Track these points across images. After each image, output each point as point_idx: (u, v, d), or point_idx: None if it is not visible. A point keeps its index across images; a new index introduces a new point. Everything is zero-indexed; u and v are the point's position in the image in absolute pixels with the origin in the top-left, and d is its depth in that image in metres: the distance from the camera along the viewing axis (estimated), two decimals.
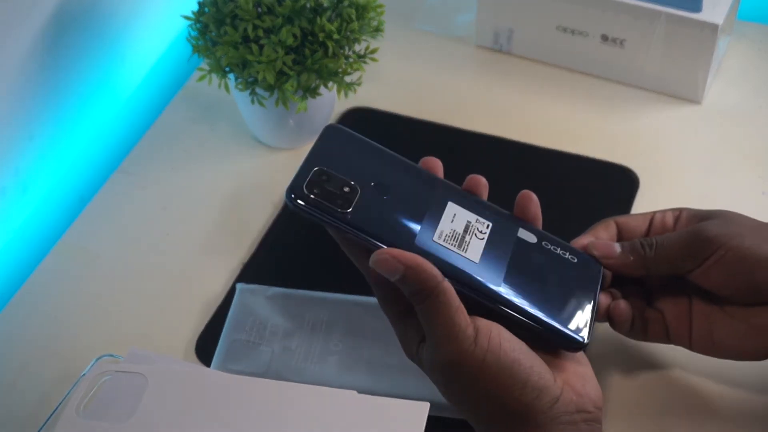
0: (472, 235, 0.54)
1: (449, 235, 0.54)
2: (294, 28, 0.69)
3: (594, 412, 0.51)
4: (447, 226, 0.54)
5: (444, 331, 0.50)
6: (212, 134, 0.83)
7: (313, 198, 0.52)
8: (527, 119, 0.83)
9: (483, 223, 0.55)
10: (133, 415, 0.57)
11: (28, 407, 0.63)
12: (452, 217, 0.55)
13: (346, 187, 0.53)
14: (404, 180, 0.56)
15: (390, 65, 0.82)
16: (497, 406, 0.50)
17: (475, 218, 0.55)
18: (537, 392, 0.50)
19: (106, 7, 0.81)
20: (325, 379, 0.62)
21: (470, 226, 0.55)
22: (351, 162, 0.55)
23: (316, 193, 0.53)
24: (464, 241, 0.54)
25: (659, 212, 0.61)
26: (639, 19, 0.80)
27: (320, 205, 0.52)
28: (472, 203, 0.56)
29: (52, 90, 0.77)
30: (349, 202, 0.53)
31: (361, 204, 0.53)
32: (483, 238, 0.55)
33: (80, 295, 0.71)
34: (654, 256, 0.57)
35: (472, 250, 0.54)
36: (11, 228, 0.76)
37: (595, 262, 0.58)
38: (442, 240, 0.53)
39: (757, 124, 0.81)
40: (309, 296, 0.67)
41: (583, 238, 0.60)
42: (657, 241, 0.58)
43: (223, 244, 0.74)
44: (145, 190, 0.78)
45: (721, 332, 0.57)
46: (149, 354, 0.61)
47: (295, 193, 0.52)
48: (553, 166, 0.78)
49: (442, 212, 0.55)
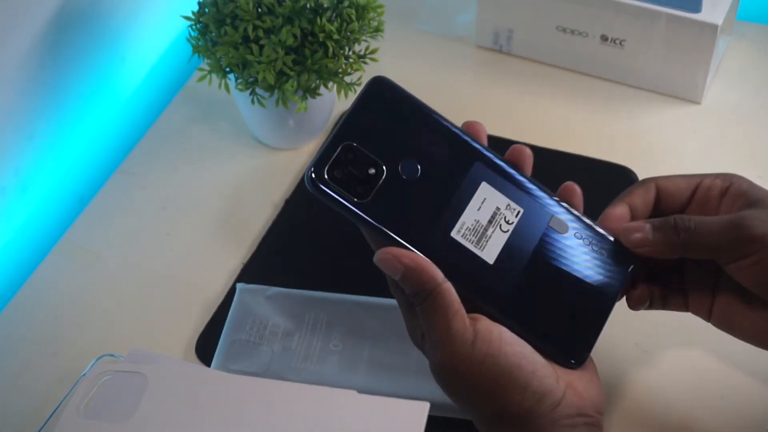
0: (496, 227, 0.52)
1: (470, 228, 0.52)
2: (294, 29, 0.69)
3: (594, 417, 0.50)
4: (472, 215, 0.52)
5: (441, 335, 0.50)
6: (212, 134, 0.83)
7: (332, 183, 0.50)
8: (527, 119, 0.83)
9: (513, 210, 0.53)
10: (133, 415, 0.57)
11: (28, 407, 0.63)
12: (481, 203, 0.52)
13: (372, 169, 0.51)
14: (440, 153, 0.53)
15: (390, 65, 0.82)
16: (497, 408, 0.50)
17: (506, 203, 0.53)
18: (538, 396, 0.49)
19: (106, 7, 0.81)
20: (325, 379, 0.62)
21: (497, 214, 0.52)
22: (386, 131, 0.52)
23: (337, 178, 0.50)
24: (485, 236, 0.52)
25: (707, 178, 0.55)
26: (639, 19, 0.80)
27: (338, 192, 0.50)
28: (508, 182, 0.53)
29: (52, 90, 0.77)
30: (369, 189, 0.51)
31: (382, 190, 0.51)
32: (507, 230, 0.52)
33: (80, 295, 0.71)
34: (688, 242, 0.52)
35: (489, 248, 0.52)
36: (11, 228, 0.76)
37: (625, 255, 0.54)
38: (461, 235, 0.52)
39: (757, 124, 0.81)
40: (309, 296, 0.67)
41: (617, 207, 0.56)
42: (694, 224, 0.52)
43: (223, 244, 0.74)
44: (145, 190, 0.78)
45: (743, 321, 0.54)
46: (149, 354, 0.61)
47: (315, 175, 0.50)
48: (553, 166, 0.78)
49: (472, 196, 0.52)
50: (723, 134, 0.80)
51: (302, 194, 0.76)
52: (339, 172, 0.51)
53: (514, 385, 0.49)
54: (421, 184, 0.52)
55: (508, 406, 0.49)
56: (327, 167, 0.51)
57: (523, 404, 0.49)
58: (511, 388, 0.49)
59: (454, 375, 0.50)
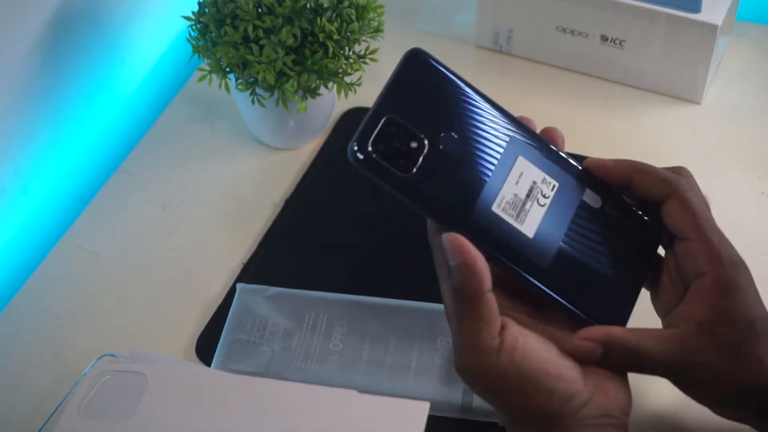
0: (534, 201, 0.53)
1: (510, 202, 0.52)
2: (294, 29, 0.69)
3: (620, 418, 0.51)
4: (511, 189, 0.52)
5: (469, 340, 0.50)
6: (212, 134, 0.83)
7: (376, 158, 0.50)
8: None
9: (549, 184, 0.53)
10: (134, 415, 0.57)
11: (28, 407, 0.63)
12: (518, 177, 0.53)
13: (414, 142, 0.51)
14: (478, 127, 0.53)
15: (390, 65, 0.81)
16: (522, 409, 0.50)
17: (542, 177, 0.53)
18: (565, 399, 0.49)
19: (106, 8, 0.81)
20: (325, 379, 0.62)
21: (534, 188, 0.53)
22: (426, 105, 0.52)
23: (380, 152, 0.50)
24: (524, 210, 0.52)
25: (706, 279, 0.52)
26: (638, 19, 0.80)
27: (381, 166, 0.50)
28: (543, 156, 0.54)
29: (52, 90, 0.77)
30: (412, 163, 0.51)
31: (424, 164, 0.51)
32: (545, 204, 0.53)
33: (80, 295, 0.71)
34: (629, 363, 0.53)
35: (529, 222, 0.52)
36: (11, 228, 0.76)
37: (655, 225, 0.55)
38: (501, 209, 0.52)
39: (757, 124, 0.81)
40: (309, 296, 0.67)
41: None
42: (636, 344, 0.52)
43: (223, 245, 0.74)
44: (145, 190, 0.78)
45: None
46: (150, 354, 0.61)
47: (359, 149, 0.50)
48: None
49: (510, 169, 0.53)
50: (723, 134, 0.80)
51: (302, 194, 0.76)
52: (382, 146, 0.50)
53: (540, 390, 0.49)
54: (461, 158, 0.52)
55: (534, 408, 0.50)
56: (370, 141, 0.50)
57: (549, 406, 0.49)
58: (537, 393, 0.49)
59: (477, 380, 0.50)
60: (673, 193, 0.54)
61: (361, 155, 0.50)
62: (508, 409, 0.51)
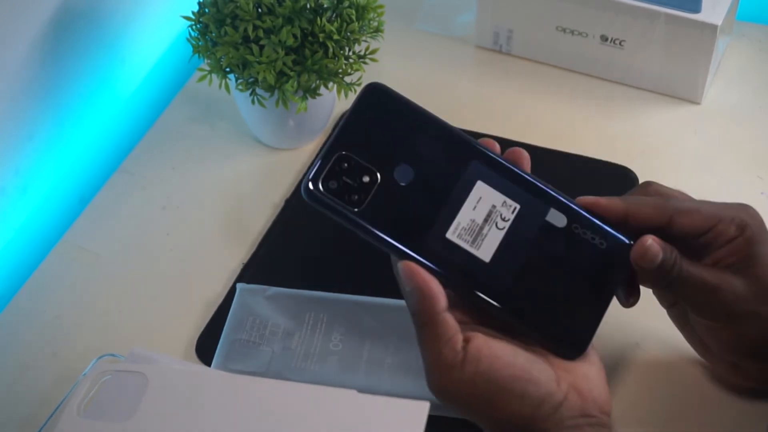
0: (492, 225, 0.53)
1: (466, 228, 0.53)
2: (294, 29, 0.69)
3: (599, 417, 0.51)
4: (467, 214, 0.53)
5: (432, 360, 0.51)
6: (212, 134, 0.83)
7: (328, 194, 0.52)
8: (527, 119, 0.83)
9: (509, 206, 0.53)
10: (134, 415, 0.57)
11: (28, 407, 0.63)
12: (476, 202, 0.53)
13: (366, 176, 0.52)
14: (436, 155, 0.53)
15: (390, 65, 0.82)
16: (497, 419, 0.51)
17: (501, 200, 0.53)
18: (537, 402, 0.50)
19: (106, 8, 0.81)
20: (325, 379, 0.62)
21: (493, 212, 0.53)
22: (381, 138, 0.53)
23: (332, 189, 0.52)
24: (480, 235, 0.53)
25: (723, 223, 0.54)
26: (638, 19, 0.80)
27: (334, 202, 0.52)
28: (504, 179, 0.54)
29: (52, 90, 0.77)
30: (364, 197, 0.52)
31: (377, 197, 0.52)
32: (503, 227, 0.53)
33: (80, 295, 0.71)
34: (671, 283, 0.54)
35: (486, 247, 0.53)
36: (11, 228, 0.76)
37: (624, 248, 0.54)
38: (456, 236, 0.52)
39: (757, 124, 0.81)
40: (309, 296, 0.67)
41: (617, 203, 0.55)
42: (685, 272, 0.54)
43: (223, 244, 0.74)
44: (145, 190, 0.78)
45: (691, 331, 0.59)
46: (150, 354, 0.61)
47: (312, 186, 0.52)
48: (553, 166, 0.78)
49: (468, 195, 0.53)
50: (723, 134, 0.80)
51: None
52: (334, 183, 0.52)
53: (510, 396, 0.50)
54: (417, 188, 0.53)
55: (508, 416, 0.50)
56: (322, 179, 0.52)
57: (523, 411, 0.50)
58: (509, 400, 0.50)
59: (448, 396, 0.51)
60: None
61: (310, 192, 0.52)
62: (483, 421, 0.52)
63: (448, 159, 0.54)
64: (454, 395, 0.51)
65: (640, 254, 0.53)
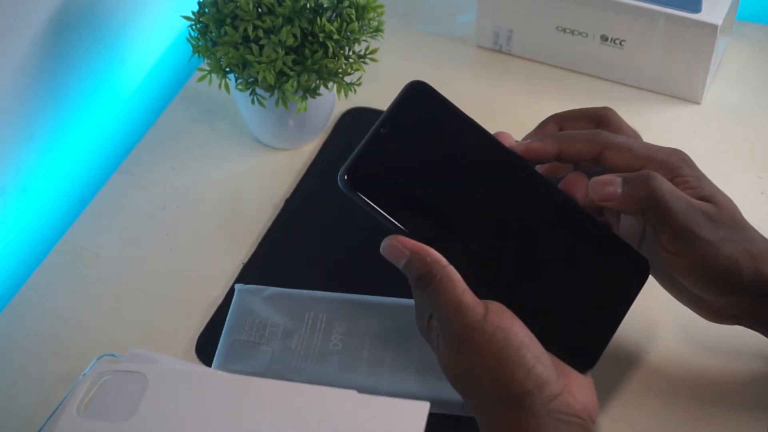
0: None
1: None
2: (294, 29, 0.69)
3: (587, 422, 0.51)
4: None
5: (452, 309, 0.51)
6: (212, 134, 0.83)
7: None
8: (527, 119, 0.82)
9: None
10: (134, 415, 0.57)
11: (28, 407, 0.63)
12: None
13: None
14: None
15: (390, 65, 0.82)
16: (499, 384, 0.50)
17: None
18: (540, 382, 0.50)
19: (106, 8, 0.81)
20: (325, 379, 0.62)
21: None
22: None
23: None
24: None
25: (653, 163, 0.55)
26: (638, 19, 0.80)
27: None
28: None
29: (52, 90, 0.77)
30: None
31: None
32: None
33: (80, 295, 0.71)
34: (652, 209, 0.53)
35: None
36: (11, 228, 0.76)
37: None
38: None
39: (757, 124, 0.81)
40: (308, 296, 0.67)
41: None
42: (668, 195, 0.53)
43: (223, 245, 0.74)
44: (145, 190, 0.78)
45: None
46: (150, 354, 0.61)
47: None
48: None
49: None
50: (723, 134, 0.80)
51: (302, 194, 0.76)
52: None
53: (519, 363, 0.50)
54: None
55: (511, 384, 0.50)
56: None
57: (525, 385, 0.50)
58: (517, 366, 0.50)
59: (464, 346, 0.51)
60: None
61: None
62: (486, 384, 0.51)
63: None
64: (470, 345, 0.50)
65: None
